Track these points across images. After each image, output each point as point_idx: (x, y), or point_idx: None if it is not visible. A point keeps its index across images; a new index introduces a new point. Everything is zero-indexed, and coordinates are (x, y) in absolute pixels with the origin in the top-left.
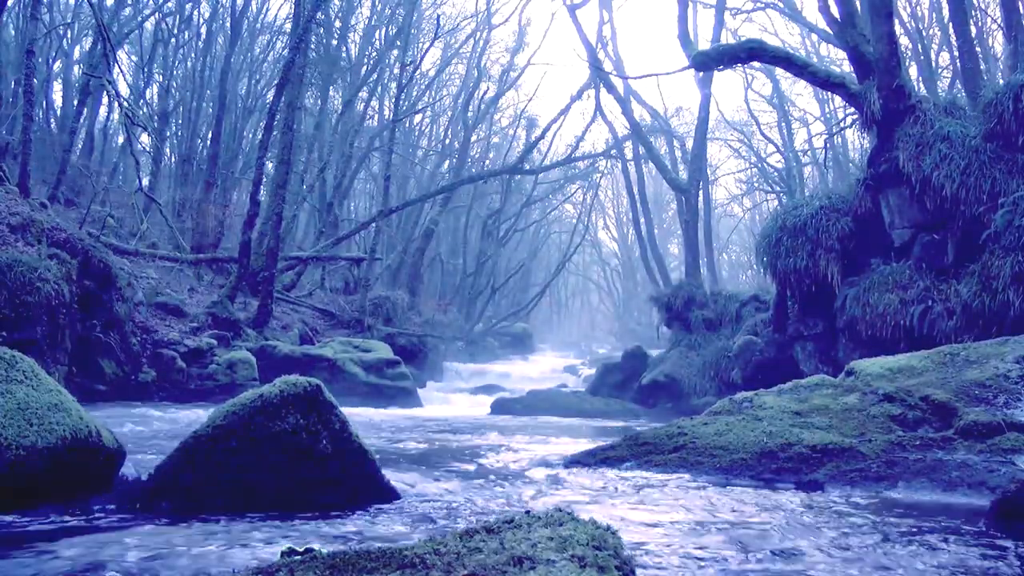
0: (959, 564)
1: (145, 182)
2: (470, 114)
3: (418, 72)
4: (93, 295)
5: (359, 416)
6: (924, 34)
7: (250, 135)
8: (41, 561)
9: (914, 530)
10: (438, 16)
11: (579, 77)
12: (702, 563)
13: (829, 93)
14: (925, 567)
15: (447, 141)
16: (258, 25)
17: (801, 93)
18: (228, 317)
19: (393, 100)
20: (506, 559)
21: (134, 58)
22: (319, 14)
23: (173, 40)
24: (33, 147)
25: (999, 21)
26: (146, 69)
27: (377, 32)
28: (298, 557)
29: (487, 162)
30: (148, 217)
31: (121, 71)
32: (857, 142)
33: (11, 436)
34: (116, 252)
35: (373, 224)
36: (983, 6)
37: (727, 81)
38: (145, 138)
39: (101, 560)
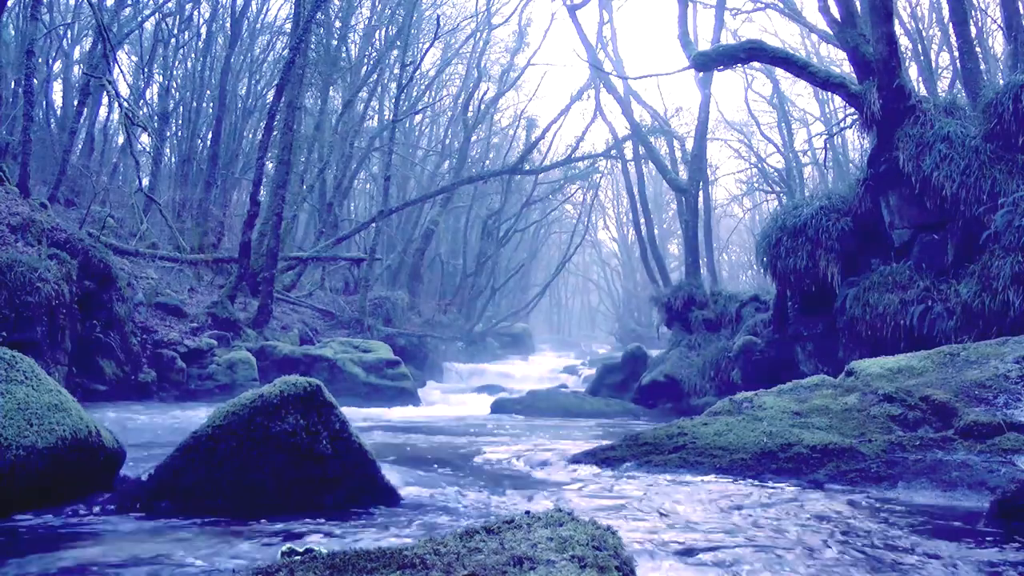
0: (958, 564)
1: (145, 182)
2: (470, 114)
3: (418, 72)
4: (93, 295)
5: (359, 416)
6: (924, 34)
7: (250, 135)
8: (41, 561)
9: (914, 530)
10: (438, 16)
11: (579, 77)
12: (702, 563)
13: (829, 93)
14: (925, 567)
15: (447, 141)
16: (258, 25)
17: (801, 93)
18: (228, 317)
19: (393, 100)
20: (506, 559)
21: (134, 58)
22: (319, 14)
23: (173, 40)
24: (33, 147)
25: (999, 21)
26: (146, 69)
27: (377, 32)
28: (298, 557)
29: (487, 162)
30: (148, 217)
31: (121, 71)
32: (857, 142)
33: (11, 436)
34: (116, 252)
35: (373, 224)
36: (983, 6)
37: (727, 81)
38: (145, 138)
39: (101, 560)
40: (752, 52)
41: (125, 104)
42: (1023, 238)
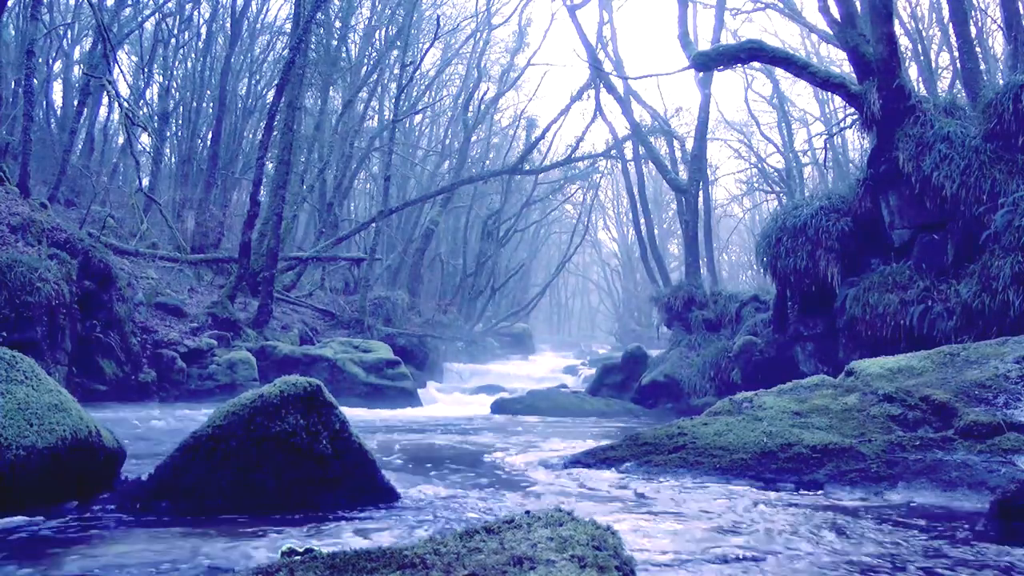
0: (959, 564)
1: (145, 182)
2: (470, 114)
3: (418, 72)
4: (93, 295)
5: (359, 416)
6: (924, 34)
7: (250, 135)
8: (41, 561)
9: (914, 530)
10: (438, 16)
11: (579, 77)
12: (702, 563)
13: (829, 93)
14: (925, 567)
15: (447, 141)
16: (258, 25)
17: (801, 93)
18: (228, 317)
19: (393, 100)
20: (506, 559)
21: (134, 58)
22: (319, 14)
23: (173, 40)
24: (33, 147)
25: (999, 21)
26: (146, 69)
27: (377, 32)
28: (298, 557)
29: (487, 162)
30: (148, 217)
31: (121, 71)
32: (857, 142)
33: (11, 436)
34: (116, 252)
35: (373, 224)
36: (983, 6)
37: (727, 81)
38: (145, 138)
39: (101, 560)
40: (752, 52)
41: (125, 104)
42: (1023, 238)
